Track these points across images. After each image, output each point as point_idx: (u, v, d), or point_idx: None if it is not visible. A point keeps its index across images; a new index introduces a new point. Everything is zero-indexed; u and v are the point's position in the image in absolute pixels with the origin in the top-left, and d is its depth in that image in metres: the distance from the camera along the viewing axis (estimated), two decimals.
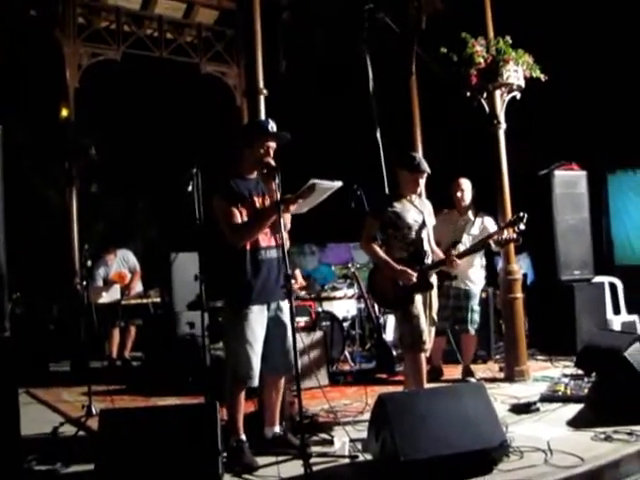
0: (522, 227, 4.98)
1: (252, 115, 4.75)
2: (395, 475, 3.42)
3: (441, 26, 7.19)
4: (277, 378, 4.10)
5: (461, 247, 5.24)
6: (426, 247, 4.72)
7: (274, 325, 3.98)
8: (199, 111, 10.61)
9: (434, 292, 4.81)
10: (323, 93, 10.12)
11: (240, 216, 3.87)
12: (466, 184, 6.15)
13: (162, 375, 6.21)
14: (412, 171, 4.70)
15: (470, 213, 6.12)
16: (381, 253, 4.67)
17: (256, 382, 3.92)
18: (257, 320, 3.89)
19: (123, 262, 8.09)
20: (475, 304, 6.07)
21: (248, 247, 3.88)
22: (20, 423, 3.63)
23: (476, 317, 6.08)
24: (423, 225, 4.71)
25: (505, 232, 5.14)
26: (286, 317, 3.99)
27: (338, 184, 3.91)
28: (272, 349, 3.97)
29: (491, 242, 5.20)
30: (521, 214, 5.00)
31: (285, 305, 4.00)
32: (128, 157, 10.48)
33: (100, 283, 7.82)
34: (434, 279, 4.80)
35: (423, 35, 7.38)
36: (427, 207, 4.90)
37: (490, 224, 6.05)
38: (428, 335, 4.66)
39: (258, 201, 3.98)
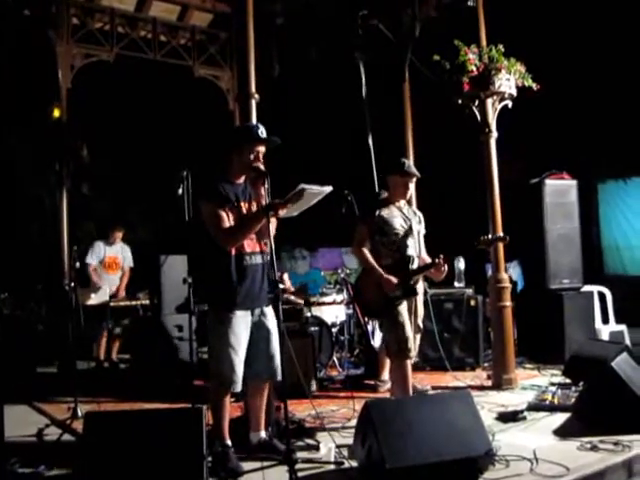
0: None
1: (244, 119, 4.74)
2: None
3: (434, 33, 7.22)
4: (261, 383, 4.09)
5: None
6: (410, 252, 4.71)
7: (258, 330, 3.97)
8: (192, 114, 10.61)
9: (419, 298, 4.81)
10: (316, 98, 10.13)
11: (228, 220, 3.86)
12: None
13: (149, 378, 6.18)
14: (402, 175, 4.73)
15: None
16: (370, 259, 4.68)
17: (239, 387, 3.90)
18: (241, 325, 3.87)
19: (123, 251, 8.10)
20: None
21: (233, 252, 3.86)
22: (4, 424, 3.61)
23: None
24: (409, 231, 4.71)
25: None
26: (270, 322, 3.99)
27: (328, 189, 3.88)
28: (256, 354, 3.95)
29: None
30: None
31: (269, 310, 4.00)
32: (119, 159, 10.46)
33: (95, 261, 7.82)
34: (420, 286, 4.79)
35: (417, 42, 7.41)
36: (417, 215, 4.92)
37: None
38: (414, 342, 4.66)
39: (245, 207, 3.97)
